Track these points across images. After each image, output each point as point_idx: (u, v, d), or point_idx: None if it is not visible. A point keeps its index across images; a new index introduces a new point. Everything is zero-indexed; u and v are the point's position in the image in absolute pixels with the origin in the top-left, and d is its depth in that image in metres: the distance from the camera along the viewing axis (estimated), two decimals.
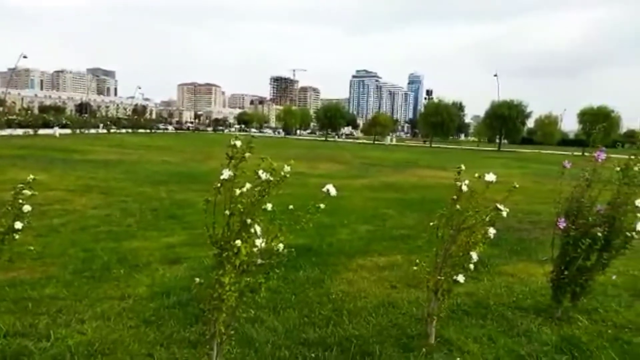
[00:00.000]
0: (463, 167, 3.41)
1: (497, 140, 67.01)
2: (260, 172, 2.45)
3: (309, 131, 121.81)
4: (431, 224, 3.48)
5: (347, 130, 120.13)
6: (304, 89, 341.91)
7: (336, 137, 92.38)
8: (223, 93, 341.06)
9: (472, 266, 3.42)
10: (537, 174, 20.58)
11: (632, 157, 4.08)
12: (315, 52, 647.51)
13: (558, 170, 4.14)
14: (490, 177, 3.33)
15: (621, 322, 4.13)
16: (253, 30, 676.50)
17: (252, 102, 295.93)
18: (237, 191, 2.41)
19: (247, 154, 2.42)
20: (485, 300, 4.60)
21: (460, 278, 3.39)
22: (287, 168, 2.53)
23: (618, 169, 3.97)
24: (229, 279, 2.51)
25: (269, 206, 2.50)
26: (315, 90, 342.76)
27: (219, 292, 2.57)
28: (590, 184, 3.94)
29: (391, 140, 79.79)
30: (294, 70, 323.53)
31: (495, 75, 79.57)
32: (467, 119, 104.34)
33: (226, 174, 2.36)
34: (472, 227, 3.38)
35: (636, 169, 3.95)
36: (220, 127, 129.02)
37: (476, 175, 3.38)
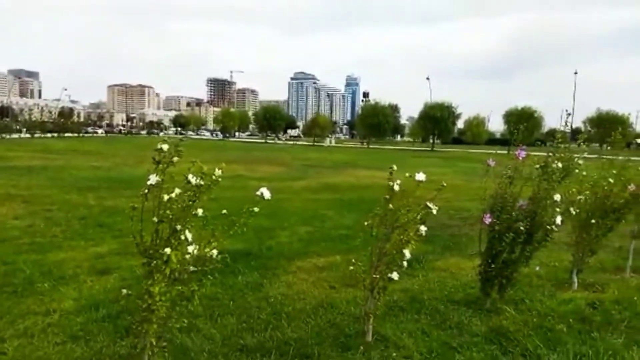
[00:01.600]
0: (395, 167, 3.49)
1: (431, 141, 69.57)
2: (190, 176, 2.38)
3: (247, 133, 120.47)
4: (365, 223, 3.53)
5: (294, 132, 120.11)
6: (242, 91, 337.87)
7: (276, 139, 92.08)
8: (157, 95, 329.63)
9: (405, 263, 3.51)
10: (467, 172, 21.55)
11: (551, 154, 4.37)
12: (252, 53, 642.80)
13: (485, 168, 4.34)
14: (420, 176, 3.43)
15: (545, 310, 4.39)
16: (188, 30, 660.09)
17: (188, 104, 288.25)
18: (166, 197, 2.32)
19: (175, 158, 2.33)
20: (420, 295, 4.74)
21: (395, 275, 3.47)
22: (218, 172, 2.46)
23: (538, 166, 4.23)
24: (158, 289, 2.41)
25: (200, 211, 2.43)
26: (254, 92, 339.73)
27: (149, 303, 2.47)
28: (512, 181, 4.17)
29: (330, 141, 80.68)
30: (231, 72, 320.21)
31: (428, 78, 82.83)
32: (403, 120, 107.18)
33: (153, 179, 2.27)
34: (405, 226, 3.47)
35: (554, 166, 4.23)
36: (155, 130, 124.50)
37: (407, 174, 3.47)
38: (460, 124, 76.53)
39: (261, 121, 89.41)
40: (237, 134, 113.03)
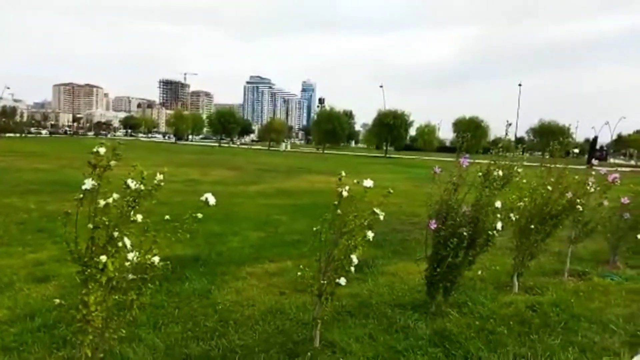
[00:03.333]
0: (344, 173, 3.52)
1: (384, 147, 70.81)
2: (129, 181, 2.29)
3: (201, 136, 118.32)
4: (314, 229, 3.53)
5: (251, 137, 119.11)
6: (196, 93, 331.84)
7: (231, 142, 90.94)
8: (106, 95, 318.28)
9: (353, 269, 3.53)
10: (418, 178, 22.09)
11: (492, 162, 4.54)
12: (207, 55, 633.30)
13: (436, 175, 4.44)
14: (368, 182, 3.48)
15: (487, 313, 4.54)
16: (140, 29, 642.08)
17: (139, 106, 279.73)
18: (102, 202, 2.22)
19: (112, 162, 2.24)
20: (369, 300, 4.79)
21: (342, 281, 3.49)
22: (159, 176, 2.39)
23: (480, 174, 4.38)
24: (94, 298, 2.30)
25: (139, 217, 2.35)
26: (208, 95, 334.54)
27: (84, 313, 2.36)
28: (457, 187, 4.30)
29: (286, 146, 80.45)
30: (184, 74, 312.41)
31: (381, 86, 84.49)
32: (357, 127, 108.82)
33: (88, 183, 2.17)
34: (352, 231, 3.49)
35: (495, 174, 4.40)
36: (104, 132, 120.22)
37: (355, 181, 3.50)
38: (412, 132, 78.35)
39: (216, 125, 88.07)
40: (190, 137, 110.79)
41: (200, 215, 2.55)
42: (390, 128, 67.19)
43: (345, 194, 3.47)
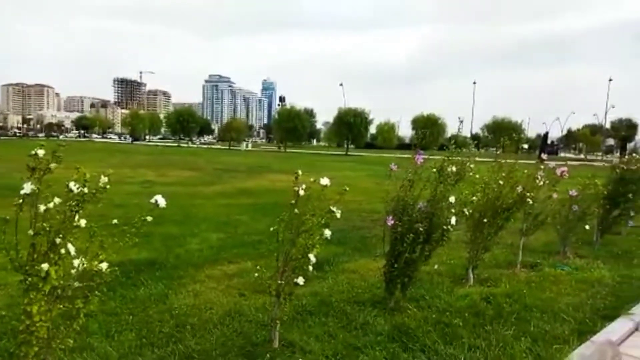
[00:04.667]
0: (300, 172, 3.50)
1: (345, 145, 71.35)
2: (72, 184, 2.19)
3: (159, 137, 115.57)
4: (271, 229, 3.50)
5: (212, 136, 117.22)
6: (153, 92, 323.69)
7: (190, 142, 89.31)
8: (58, 95, 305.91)
9: (311, 268, 3.52)
10: (378, 175, 22.30)
11: (446, 159, 4.63)
12: (164, 54, 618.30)
13: (393, 172, 4.48)
14: (324, 181, 3.48)
15: (443, 306, 4.64)
16: (93, 27, 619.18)
17: (93, 106, 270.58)
18: (42, 207, 2.11)
19: (52, 165, 2.14)
20: (329, 298, 4.80)
21: (300, 280, 3.47)
22: (104, 179, 2.29)
23: (435, 170, 4.46)
24: (37, 308, 2.19)
25: (83, 222, 2.25)
26: (166, 94, 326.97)
27: (27, 324, 2.24)
28: (412, 184, 4.36)
29: (247, 145, 79.72)
30: (141, 72, 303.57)
31: (341, 85, 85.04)
32: (319, 125, 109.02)
33: (27, 187, 2.06)
34: (310, 230, 3.48)
35: (449, 170, 4.49)
36: (55, 133, 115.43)
37: (312, 179, 3.49)
38: (372, 130, 79.29)
39: (174, 124, 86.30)
40: (147, 137, 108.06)
41: (150, 218, 2.46)
42: (350, 126, 67.80)
43: (302, 192, 3.45)
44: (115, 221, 2.59)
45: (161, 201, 2.47)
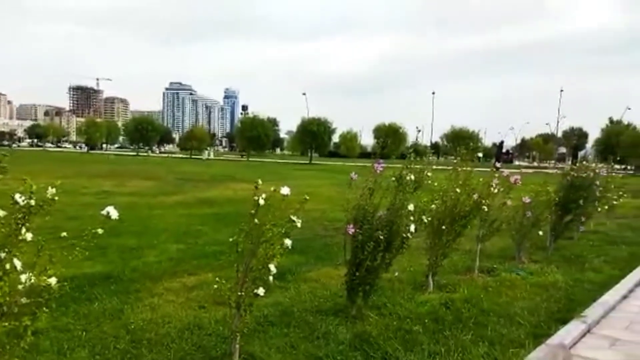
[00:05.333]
0: (260, 181, 3.47)
1: (309, 154, 71.59)
2: (17, 196, 2.09)
3: (117, 145, 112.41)
4: (230, 239, 3.45)
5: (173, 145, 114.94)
6: (111, 100, 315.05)
7: (149, 151, 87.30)
8: (9, 102, 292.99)
9: (271, 278, 3.48)
10: (341, 183, 22.43)
11: (405, 167, 4.71)
12: (123, 60, 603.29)
13: (354, 180, 4.50)
14: (285, 190, 3.46)
15: (404, 313, 4.69)
16: (48, 32, 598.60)
17: (47, 114, 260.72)
18: None
19: None
20: (291, 308, 4.76)
21: (261, 291, 3.42)
22: (51, 190, 2.20)
23: (394, 178, 4.52)
24: None
25: (29, 236, 2.14)
26: (124, 102, 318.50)
27: None
28: (372, 192, 4.40)
29: (209, 154, 78.67)
30: (97, 79, 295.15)
31: (304, 94, 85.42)
32: (282, 134, 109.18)
33: None
34: (270, 240, 3.45)
35: (408, 178, 4.57)
36: (6, 142, 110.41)
37: (272, 189, 3.46)
38: (335, 138, 79.89)
39: (132, 133, 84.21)
40: (105, 146, 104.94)
41: (100, 231, 2.37)
42: (314, 135, 68.15)
43: (262, 202, 3.42)
44: (64, 234, 2.48)
45: (113, 213, 2.39)
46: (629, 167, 59.20)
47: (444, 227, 5.33)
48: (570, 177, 8.38)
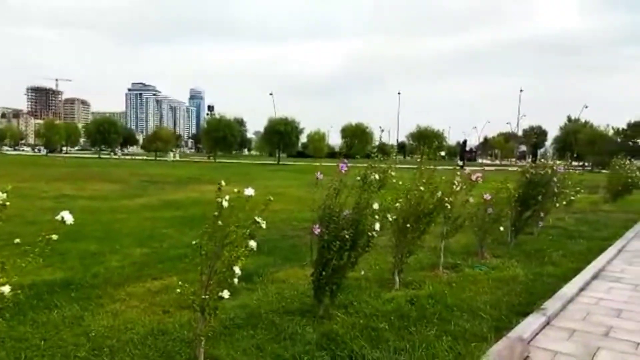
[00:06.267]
0: (224, 182, 3.44)
1: (277, 154, 71.32)
2: None
3: (78, 148, 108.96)
4: (194, 242, 3.39)
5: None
6: (71, 101, 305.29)
7: (112, 154, 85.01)
8: None
9: (236, 280, 3.44)
10: (310, 183, 22.43)
11: (370, 167, 4.76)
12: (84, 61, 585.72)
13: (320, 180, 4.49)
14: (249, 191, 3.43)
15: (371, 311, 4.72)
16: (4, 32, 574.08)
17: (4, 116, 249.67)
18: None
19: None
20: (257, 309, 4.72)
21: (225, 294, 3.38)
22: (2, 195, 2.11)
23: (359, 178, 4.56)
24: None
25: None
26: (85, 103, 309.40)
27: None
28: (338, 192, 4.43)
29: (174, 156, 77.32)
30: (57, 80, 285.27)
31: (271, 94, 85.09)
32: (249, 134, 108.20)
33: None
34: (235, 242, 3.41)
35: (372, 177, 4.61)
36: None
37: (236, 190, 3.42)
38: (303, 138, 79.89)
39: (94, 135, 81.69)
40: (65, 149, 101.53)
41: (55, 237, 2.29)
42: (281, 135, 67.92)
43: (225, 204, 3.39)
44: (17, 240, 2.39)
45: (67, 217, 2.31)
46: (586, 164, 61.53)
47: (408, 225, 5.41)
48: (529, 174, 8.65)
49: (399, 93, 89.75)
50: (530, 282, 6.10)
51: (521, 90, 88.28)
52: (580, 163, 57.92)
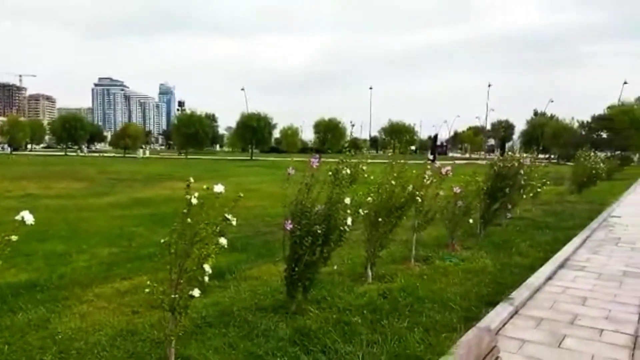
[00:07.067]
0: (192, 180, 3.37)
1: (250, 150, 70.79)
2: None
3: (43, 145, 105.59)
4: (162, 241, 3.33)
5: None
6: (35, 97, 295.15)
7: (79, 151, 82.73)
8: None
9: (207, 278, 3.40)
10: (283, 179, 22.43)
11: (341, 161, 4.76)
12: (48, 55, 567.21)
13: (292, 176, 4.45)
14: (218, 188, 3.38)
15: (344, 305, 4.74)
16: None
17: None
18: None
19: None
20: (230, 307, 4.68)
21: (196, 292, 3.33)
22: None
23: (330, 173, 4.56)
24: None
25: None
26: (50, 99, 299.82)
27: None
28: (310, 187, 4.41)
29: (144, 152, 75.77)
30: (20, 76, 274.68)
31: (243, 89, 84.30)
32: (221, 130, 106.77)
33: None
34: (205, 239, 3.36)
35: (344, 172, 4.62)
36: None
37: (205, 187, 3.37)
38: (276, 134, 79.53)
39: (60, 132, 79.36)
40: (30, 146, 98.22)
41: (15, 237, 2.21)
42: (254, 130, 67.46)
43: (194, 201, 3.33)
44: None
45: (28, 217, 2.23)
46: (552, 156, 63.27)
47: (380, 219, 5.45)
48: (497, 167, 8.83)
49: (370, 88, 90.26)
50: (498, 273, 6.23)
51: (489, 85, 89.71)
52: (547, 156, 59.49)
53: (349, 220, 4.53)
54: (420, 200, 6.08)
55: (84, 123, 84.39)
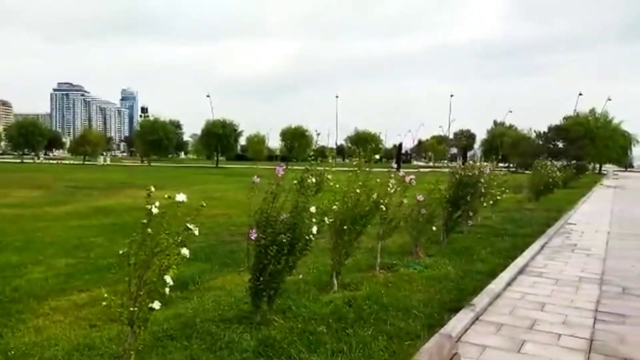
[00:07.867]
0: (153, 188, 3.30)
1: (215, 157, 69.92)
2: None
3: None
4: (120, 252, 3.23)
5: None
6: None
7: (36, 158, 79.64)
8: None
9: (168, 290, 3.31)
10: (249, 187, 22.26)
11: (306, 170, 4.76)
12: (3, 59, 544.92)
13: (258, 184, 4.40)
14: (180, 197, 3.31)
15: (309, 314, 4.71)
16: None
17: None
18: None
19: None
20: (193, 319, 4.57)
21: (156, 305, 3.24)
22: None
23: (295, 181, 4.55)
24: None
25: None
26: (5, 104, 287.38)
27: None
28: (275, 196, 4.39)
29: (105, 159, 73.67)
30: None
31: (208, 96, 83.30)
32: (186, 137, 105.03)
33: None
34: (165, 250, 3.28)
35: (309, 181, 4.62)
36: None
37: (166, 196, 3.30)
38: (242, 141, 78.84)
39: (16, 138, 76.19)
40: None
41: None
42: (219, 138, 66.69)
43: (155, 210, 3.25)
44: None
45: None
46: (511, 165, 65.25)
47: (345, 227, 5.47)
48: (459, 176, 9.04)
49: (336, 97, 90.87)
50: (460, 279, 6.35)
51: (451, 95, 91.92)
52: (506, 164, 61.32)
53: (315, 229, 4.52)
54: (384, 208, 6.15)
55: (41, 129, 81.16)
